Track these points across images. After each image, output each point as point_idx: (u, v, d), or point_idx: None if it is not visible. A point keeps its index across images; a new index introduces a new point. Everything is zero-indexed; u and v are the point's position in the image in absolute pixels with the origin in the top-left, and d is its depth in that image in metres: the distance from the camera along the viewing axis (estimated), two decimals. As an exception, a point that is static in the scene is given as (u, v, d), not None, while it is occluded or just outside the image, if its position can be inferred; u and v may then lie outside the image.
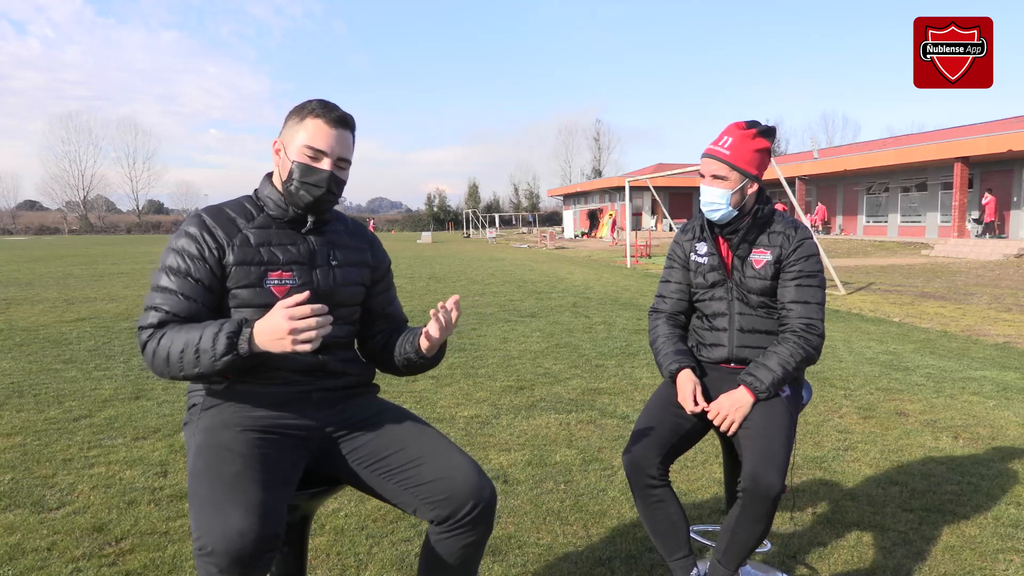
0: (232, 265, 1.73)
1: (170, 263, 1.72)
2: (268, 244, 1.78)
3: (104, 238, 62.20)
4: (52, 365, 6.02)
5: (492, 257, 24.35)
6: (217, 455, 1.62)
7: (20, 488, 3.26)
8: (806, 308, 2.20)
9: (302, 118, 1.78)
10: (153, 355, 1.66)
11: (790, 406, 2.17)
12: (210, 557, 1.44)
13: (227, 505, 1.48)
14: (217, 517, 1.46)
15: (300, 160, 1.76)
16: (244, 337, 1.60)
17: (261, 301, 1.74)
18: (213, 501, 1.49)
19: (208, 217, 1.77)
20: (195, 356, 1.61)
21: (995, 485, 3.31)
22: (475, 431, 4.15)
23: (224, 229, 1.75)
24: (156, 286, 1.71)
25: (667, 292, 2.43)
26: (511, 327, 8.15)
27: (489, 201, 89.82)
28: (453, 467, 1.74)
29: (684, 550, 2.21)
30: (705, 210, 2.25)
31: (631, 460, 2.16)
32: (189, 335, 1.63)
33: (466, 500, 1.69)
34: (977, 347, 6.91)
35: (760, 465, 1.98)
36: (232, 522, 1.44)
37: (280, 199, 1.82)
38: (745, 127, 2.20)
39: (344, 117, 1.79)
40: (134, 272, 17.41)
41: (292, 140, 1.78)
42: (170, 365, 1.64)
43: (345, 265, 1.88)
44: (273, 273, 1.76)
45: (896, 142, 32.72)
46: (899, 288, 12.71)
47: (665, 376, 2.30)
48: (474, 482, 1.72)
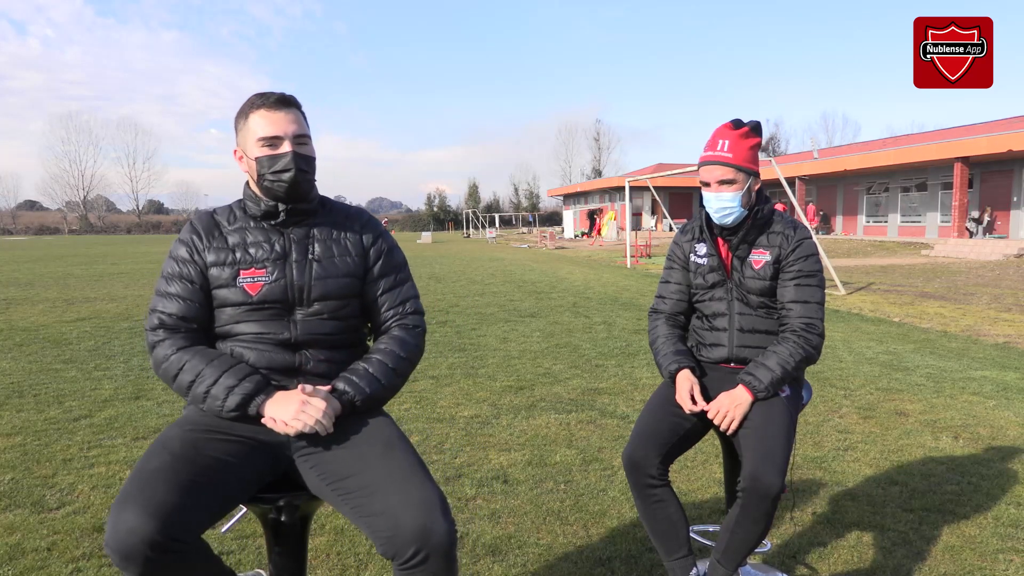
0: (209, 266, 1.79)
1: (168, 269, 1.81)
2: (243, 243, 1.81)
3: (104, 238, 62.20)
4: (52, 365, 6.02)
5: (492, 257, 24.35)
6: (151, 450, 1.61)
7: (20, 488, 3.26)
8: (806, 308, 2.20)
9: (246, 117, 1.79)
10: (160, 366, 1.73)
11: (790, 406, 2.17)
12: (107, 549, 1.44)
13: (128, 502, 1.45)
14: (117, 512, 1.44)
15: (260, 155, 1.76)
16: (257, 404, 1.68)
17: (237, 299, 1.76)
18: (121, 496, 1.48)
19: (196, 222, 1.85)
20: (203, 395, 1.68)
21: (995, 485, 3.31)
22: (475, 431, 4.15)
23: (206, 232, 1.82)
24: (158, 291, 1.80)
25: (667, 293, 2.44)
26: (511, 327, 8.15)
27: (489, 201, 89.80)
28: (402, 504, 1.54)
29: (683, 550, 2.21)
30: (718, 216, 2.23)
31: (631, 459, 2.17)
32: (203, 369, 1.69)
33: (409, 544, 1.49)
34: (977, 347, 6.91)
35: (760, 465, 1.98)
36: (123, 519, 1.42)
37: (254, 196, 1.84)
38: (735, 127, 2.21)
39: (283, 97, 1.78)
40: (134, 272, 17.41)
41: (246, 140, 1.80)
42: (175, 385, 1.73)
43: (327, 258, 1.82)
44: (245, 271, 1.77)
45: (896, 142, 32.71)
46: (899, 288, 12.71)
47: (664, 376, 2.31)
48: (419, 524, 1.50)
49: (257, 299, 1.76)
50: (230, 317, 1.78)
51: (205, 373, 1.68)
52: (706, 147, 2.24)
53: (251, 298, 1.75)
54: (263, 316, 1.77)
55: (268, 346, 1.77)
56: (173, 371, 1.71)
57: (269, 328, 1.77)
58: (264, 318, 1.77)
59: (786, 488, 1.99)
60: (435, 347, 6.82)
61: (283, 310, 1.78)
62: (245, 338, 1.77)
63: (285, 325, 1.78)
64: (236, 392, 1.66)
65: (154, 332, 1.76)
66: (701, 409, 2.17)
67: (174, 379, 1.71)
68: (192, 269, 1.78)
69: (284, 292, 1.77)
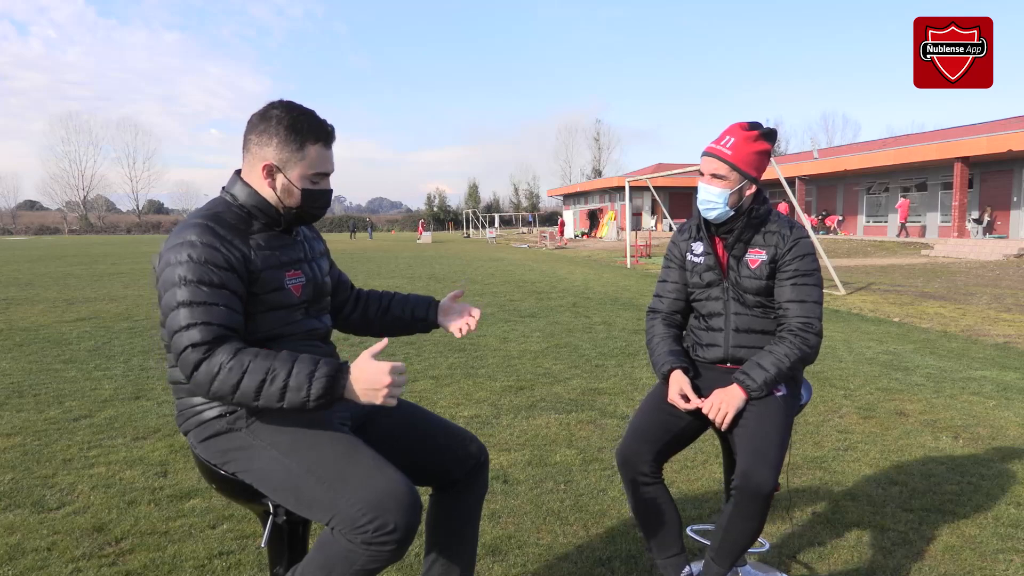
0: (260, 271, 1.71)
1: (201, 276, 1.61)
2: (272, 247, 1.78)
3: (104, 238, 62.21)
4: (52, 365, 6.02)
5: (492, 257, 24.35)
6: (336, 446, 1.68)
7: (20, 488, 3.26)
8: (803, 307, 2.19)
9: (302, 145, 1.73)
10: (215, 378, 1.56)
11: (785, 405, 2.17)
12: (392, 535, 1.55)
13: (390, 482, 1.59)
14: (387, 493, 1.57)
15: (308, 187, 1.77)
16: (342, 384, 1.59)
17: (284, 302, 1.77)
18: (370, 482, 1.59)
19: (217, 227, 1.69)
20: (281, 390, 1.56)
21: (995, 485, 3.31)
22: (475, 431, 4.15)
23: (239, 237, 1.71)
24: (192, 301, 1.59)
25: (664, 292, 2.42)
26: (511, 327, 8.15)
27: (489, 201, 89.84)
28: (459, 433, 2.03)
29: (675, 548, 2.21)
30: (702, 208, 2.25)
31: (623, 456, 2.18)
32: (269, 365, 1.57)
33: (479, 453, 2.00)
34: (977, 347, 6.91)
35: (752, 463, 1.98)
36: (403, 494, 1.58)
37: (272, 210, 1.78)
38: (747, 128, 2.19)
39: (333, 133, 1.80)
40: (134, 272, 17.41)
41: (295, 167, 1.74)
42: (238, 393, 1.56)
43: (318, 257, 1.95)
44: (289, 273, 1.79)
45: (896, 142, 32.71)
46: (899, 288, 12.71)
47: (658, 376, 2.30)
48: (478, 446, 2.03)
49: (301, 299, 1.81)
50: (277, 321, 1.74)
51: (275, 368, 1.57)
52: (714, 140, 2.24)
53: (296, 299, 1.79)
54: (303, 315, 1.83)
55: (315, 342, 1.85)
56: (235, 378, 1.55)
57: (311, 325, 1.85)
58: (303, 317, 1.83)
59: (778, 486, 1.99)
60: (435, 347, 6.82)
61: (313, 307, 1.88)
62: (295, 338, 1.79)
63: (319, 320, 1.89)
64: (318, 377, 1.57)
65: (198, 348, 1.57)
66: (695, 406, 2.16)
67: (237, 386, 1.56)
68: (231, 277, 1.65)
69: (314, 290, 1.86)
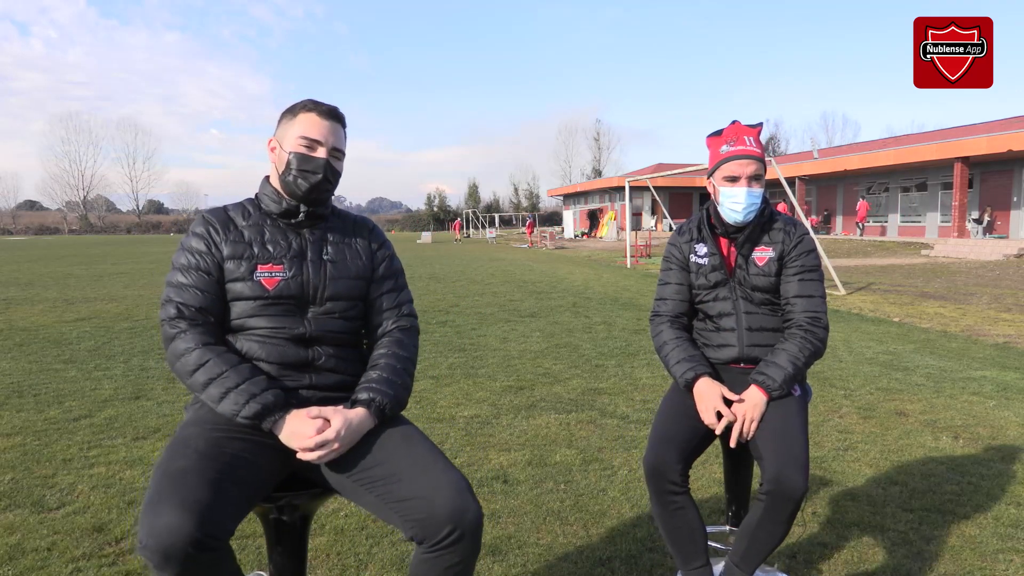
0: (225, 259, 1.80)
1: (183, 260, 1.80)
2: (260, 239, 1.84)
3: (104, 238, 62.21)
4: (52, 365, 6.02)
5: (492, 257, 24.35)
6: (173, 450, 1.62)
7: (20, 488, 3.26)
8: (810, 302, 2.20)
9: (295, 114, 1.87)
10: (179, 358, 1.72)
11: (802, 404, 2.16)
12: (144, 551, 1.43)
13: (163, 501, 1.45)
14: (153, 512, 1.44)
15: (296, 150, 1.84)
16: (271, 421, 1.68)
17: (252, 293, 1.79)
18: (153, 496, 1.48)
19: (210, 216, 1.86)
20: (220, 396, 1.68)
21: (995, 485, 3.31)
22: (475, 431, 4.15)
23: (221, 226, 1.84)
24: (171, 283, 1.79)
25: (667, 295, 2.38)
26: (511, 327, 8.15)
27: (489, 201, 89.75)
28: (433, 487, 1.62)
29: (702, 559, 2.14)
30: (743, 213, 2.19)
31: (652, 466, 2.07)
32: (226, 371, 1.69)
33: (443, 524, 1.58)
34: (977, 347, 6.91)
35: (784, 466, 1.94)
36: (162, 519, 1.42)
37: (275, 193, 1.88)
38: (750, 126, 2.23)
39: (335, 111, 1.90)
40: (134, 272, 17.41)
41: (287, 134, 1.87)
42: (189, 380, 1.71)
43: (340, 260, 1.90)
44: (263, 266, 1.80)
45: (896, 142, 32.71)
46: (899, 288, 12.71)
47: (680, 384, 2.22)
48: (454, 505, 1.60)
49: (273, 294, 1.80)
50: (243, 311, 1.79)
51: (228, 375, 1.68)
52: (729, 142, 2.21)
53: (267, 293, 1.79)
54: (277, 311, 1.80)
55: (282, 341, 1.80)
56: (191, 366, 1.70)
57: (283, 323, 1.80)
58: (278, 313, 1.80)
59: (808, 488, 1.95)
60: (435, 347, 6.82)
61: (296, 307, 1.83)
62: (259, 332, 1.79)
63: (299, 321, 1.82)
64: (257, 400, 1.67)
65: (172, 323, 1.74)
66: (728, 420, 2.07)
67: (190, 374, 1.70)
68: (209, 261, 1.79)
69: (300, 289, 1.82)
